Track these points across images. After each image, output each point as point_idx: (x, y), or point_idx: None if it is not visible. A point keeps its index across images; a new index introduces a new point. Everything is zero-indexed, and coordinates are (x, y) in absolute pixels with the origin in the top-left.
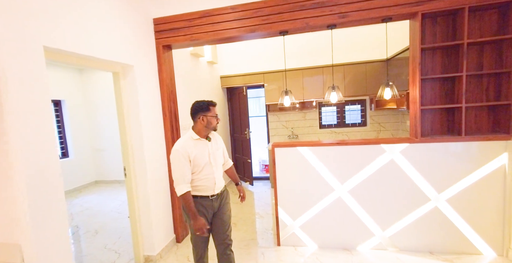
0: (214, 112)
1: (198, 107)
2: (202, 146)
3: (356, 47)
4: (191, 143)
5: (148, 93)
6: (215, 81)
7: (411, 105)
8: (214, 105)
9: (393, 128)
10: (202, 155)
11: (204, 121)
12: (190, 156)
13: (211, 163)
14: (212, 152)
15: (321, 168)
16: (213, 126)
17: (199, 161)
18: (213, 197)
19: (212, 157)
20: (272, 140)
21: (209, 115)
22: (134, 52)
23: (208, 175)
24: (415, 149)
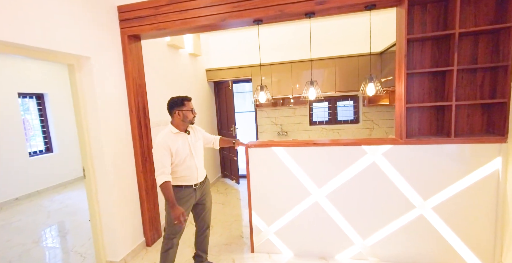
0: (189, 106)
1: (173, 102)
2: (182, 139)
3: (348, 39)
4: (171, 136)
5: (109, 87)
6: (200, 74)
7: (396, 102)
8: (189, 100)
9: (387, 126)
10: (183, 147)
11: (180, 115)
12: (171, 149)
13: (192, 154)
14: (192, 144)
15: (297, 170)
16: (189, 120)
17: (180, 153)
18: (196, 186)
19: (193, 148)
20: (261, 137)
21: (184, 110)
22: (91, 42)
23: (190, 165)
24: (399, 151)
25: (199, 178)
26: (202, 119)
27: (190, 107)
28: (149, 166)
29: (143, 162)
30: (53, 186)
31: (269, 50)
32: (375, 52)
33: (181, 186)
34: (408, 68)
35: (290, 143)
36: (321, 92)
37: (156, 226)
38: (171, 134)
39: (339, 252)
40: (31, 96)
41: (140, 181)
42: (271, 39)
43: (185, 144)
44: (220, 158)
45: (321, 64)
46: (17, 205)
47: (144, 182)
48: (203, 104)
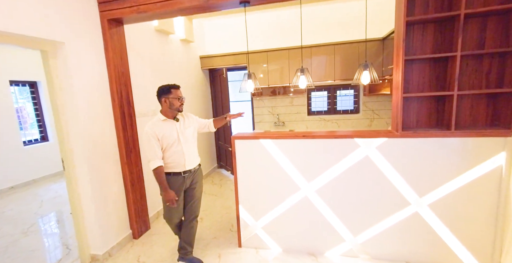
0: (176, 94)
1: (161, 90)
2: (169, 126)
3: (349, 24)
4: (158, 124)
5: (88, 75)
6: (193, 62)
7: (393, 92)
8: (177, 88)
9: (388, 116)
10: (170, 134)
11: (167, 103)
12: (158, 135)
13: (180, 140)
14: (181, 130)
15: (286, 163)
16: (175, 107)
17: (167, 139)
18: (186, 174)
19: (181, 135)
20: (257, 127)
21: (171, 98)
22: (66, 26)
23: (177, 151)
24: (395, 144)
25: (187, 165)
26: (196, 109)
27: (177, 95)
28: (134, 157)
29: (128, 153)
30: (50, 174)
31: (265, 36)
32: (377, 38)
33: (170, 173)
34: (407, 54)
35: (278, 135)
36: (320, 81)
37: (144, 218)
38: (158, 121)
39: (329, 248)
40: (23, 84)
41: (125, 173)
42: (267, 24)
43: (173, 130)
44: (216, 148)
45: (320, 51)
46: (12, 194)
47: (129, 174)
48: (197, 93)
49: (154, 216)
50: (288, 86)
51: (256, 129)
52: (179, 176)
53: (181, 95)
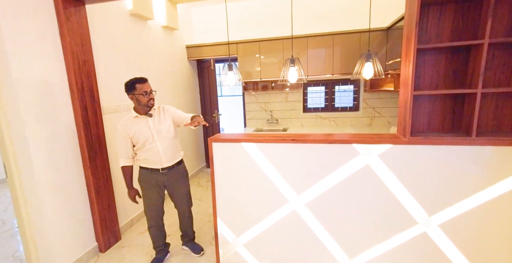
0: (142, 89)
1: (126, 87)
2: (142, 122)
3: (350, 12)
4: (129, 121)
5: (36, 65)
6: (178, 52)
7: (401, 89)
8: (142, 82)
9: (390, 115)
10: (142, 131)
11: (134, 100)
12: (129, 134)
13: (154, 137)
14: (155, 127)
15: (272, 171)
16: (143, 103)
17: (138, 137)
18: (164, 171)
19: (155, 132)
20: (249, 124)
21: (136, 94)
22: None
23: (151, 148)
24: (401, 152)
25: (164, 162)
26: (182, 103)
27: (142, 90)
28: (100, 160)
29: (91, 155)
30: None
31: (258, 24)
32: (380, 28)
33: (147, 169)
34: (420, 42)
35: (263, 138)
36: (317, 75)
37: (113, 228)
38: (130, 118)
39: None
40: None
41: (88, 178)
42: (260, 11)
43: (145, 127)
44: (205, 146)
45: (316, 42)
46: None
47: (94, 179)
48: (183, 86)
49: (128, 224)
50: (282, 80)
51: (247, 126)
52: (157, 172)
53: (147, 90)
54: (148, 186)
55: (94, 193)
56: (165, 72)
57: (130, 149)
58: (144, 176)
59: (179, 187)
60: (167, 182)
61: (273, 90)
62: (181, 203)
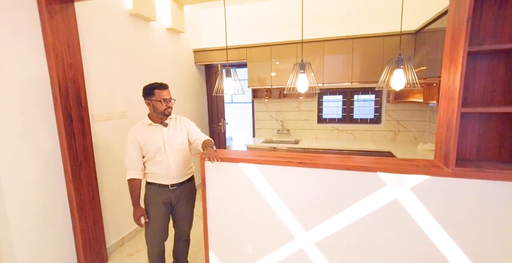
0: (160, 96)
1: (144, 91)
2: (155, 131)
3: (371, 14)
4: (142, 128)
5: (11, 66)
6: (184, 56)
7: (442, 103)
8: (162, 88)
9: (417, 129)
10: (154, 140)
11: (151, 106)
12: (139, 142)
13: (165, 149)
14: (168, 137)
15: (274, 200)
16: (160, 111)
17: (149, 147)
18: (173, 187)
19: (168, 143)
20: (258, 134)
21: (154, 100)
22: None
23: (161, 161)
24: (442, 186)
25: (175, 178)
26: (188, 112)
27: (160, 97)
28: (86, 173)
29: (76, 169)
30: None
31: (270, 28)
32: (408, 31)
33: (155, 184)
34: (471, 43)
35: (265, 158)
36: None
37: (99, 249)
38: (143, 125)
39: None
40: None
41: (70, 194)
42: (272, 14)
43: (158, 137)
44: None
45: (334, 47)
46: None
47: (77, 195)
48: (188, 92)
49: (118, 244)
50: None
51: (256, 136)
52: (166, 188)
53: (166, 97)
54: (154, 205)
55: (77, 210)
56: (169, 78)
57: (140, 159)
58: (151, 193)
59: (186, 206)
60: (175, 200)
61: (284, 99)
62: (183, 223)
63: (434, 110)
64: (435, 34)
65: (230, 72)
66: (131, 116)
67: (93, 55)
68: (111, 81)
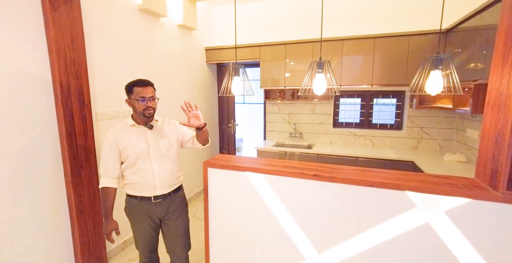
0: (139, 94)
1: (125, 88)
2: (138, 133)
3: (396, 11)
4: (123, 129)
5: (11, 60)
6: (196, 54)
7: (488, 111)
8: (142, 85)
9: (443, 138)
10: (136, 144)
11: (131, 105)
12: (118, 145)
13: (149, 153)
14: (152, 141)
15: (283, 215)
16: (139, 112)
17: (129, 151)
18: (157, 200)
19: (153, 148)
20: (269, 137)
21: (133, 99)
22: None
23: (143, 168)
24: (488, 212)
25: (158, 189)
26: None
27: (139, 95)
28: (86, 174)
29: (76, 169)
30: None
31: (285, 25)
32: (435, 30)
33: (136, 197)
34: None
35: (274, 168)
36: (352, 85)
37: (98, 253)
38: (125, 126)
39: None
40: None
41: (69, 195)
42: (287, 11)
43: (141, 140)
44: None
45: (354, 46)
46: None
47: (77, 197)
48: (198, 92)
49: (119, 248)
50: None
51: (267, 139)
52: (148, 201)
53: (146, 96)
54: (137, 218)
55: (76, 212)
56: (179, 76)
57: (117, 165)
58: (133, 206)
59: (175, 221)
60: (161, 214)
61: (298, 100)
62: (175, 244)
63: (464, 117)
64: (469, 33)
65: (239, 71)
66: None
67: (99, 51)
68: (118, 79)
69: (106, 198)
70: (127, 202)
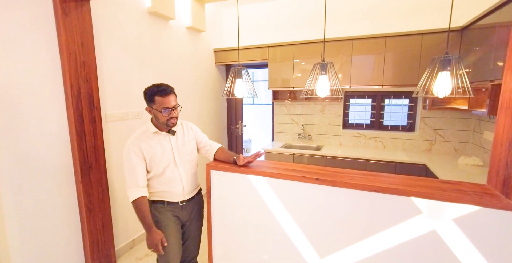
0: (162, 104)
1: (144, 95)
2: (161, 141)
3: (407, 10)
4: (146, 137)
5: (24, 63)
6: (205, 55)
7: (501, 114)
8: (164, 95)
9: (457, 140)
10: (163, 153)
11: (152, 113)
12: (144, 154)
13: (176, 162)
14: (177, 148)
15: (285, 219)
16: (162, 122)
17: (157, 161)
18: (183, 204)
19: (177, 155)
20: (277, 138)
21: (154, 108)
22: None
23: (172, 177)
24: (500, 221)
25: (185, 194)
26: (205, 113)
27: (162, 106)
28: (96, 174)
29: (85, 169)
30: None
31: (293, 26)
32: (453, 28)
33: (163, 202)
34: None
35: (276, 171)
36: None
37: (107, 251)
38: (147, 133)
39: None
40: None
41: (79, 195)
42: (296, 11)
43: (166, 148)
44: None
45: (363, 46)
46: None
47: (86, 196)
48: (207, 93)
49: (127, 246)
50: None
51: (275, 140)
52: (176, 205)
53: (169, 106)
54: (167, 221)
55: (86, 211)
56: (188, 78)
57: (145, 174)
58: (159, 211)
59: (196, 223)
60: (186, 217)
61: (306, 101)
62: (192, 244)
63: (481, 119)
64: (486, 31)
65: (241, 73)
66: (147, 117)
67: (108, 54)
68: (127, 81)
69: (143, 208)
70: (153, 209)
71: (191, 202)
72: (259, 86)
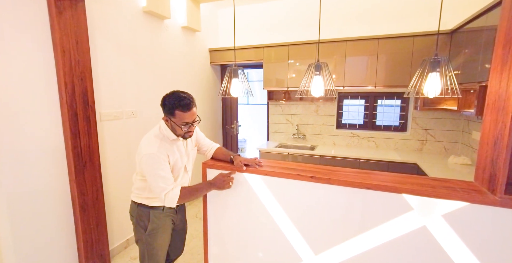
0: (182, 119)
1: (163, 105)
2: (179, 147)
3: (399, 12)
4: (167, 144)
5: (18, 61)
6: (199, 55)
7: (488, 114)
8: (186, 110)
9: (448, 140)
10: (181, 158)
11: (169, 126)
12: (170, 161)
13: (187, 167)
14: (187, 153)
15: (281, 217)
16: (179, 134)
17: (177, 167)
18: (178, 207)
19: (188, 159)
20: (272, 138)
21: (173, 121)
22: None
23: (183, 182)
24: (486, 216)
25: None
26: (202, 112)
27: (182, 121)
28: (90, 172)
29: (79, 168)
30: None
31: (288, 26)
32: (443, 31)
33: (159, 207)
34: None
35: (271, 170)
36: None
37: (101, 251)
38: (167, 140)
39: None
40: None
41: (73, 194)
42: (290, 12)
43: (182, 153)
44: None
45: (357, 48)
46: None
47: (80, 195)
48: (202, 92)
49: (122, 246)
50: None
51: (270, 140)
52: (173, 210)
53: (189, 121)
54: (164, 228)
55: (80, 210)
56: (183, 77)
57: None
58: (158, 217)
59: (183, 226)
60: (178, 220)
61: (301, 101)
62: (178, 247)
63: (470, 119)
64: (475, 34)
65: (238, 73)
66: (141, 116)
67: (103, 52)
68: (122, 80)
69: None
70: (151, 215)
71: (182, 204)
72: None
